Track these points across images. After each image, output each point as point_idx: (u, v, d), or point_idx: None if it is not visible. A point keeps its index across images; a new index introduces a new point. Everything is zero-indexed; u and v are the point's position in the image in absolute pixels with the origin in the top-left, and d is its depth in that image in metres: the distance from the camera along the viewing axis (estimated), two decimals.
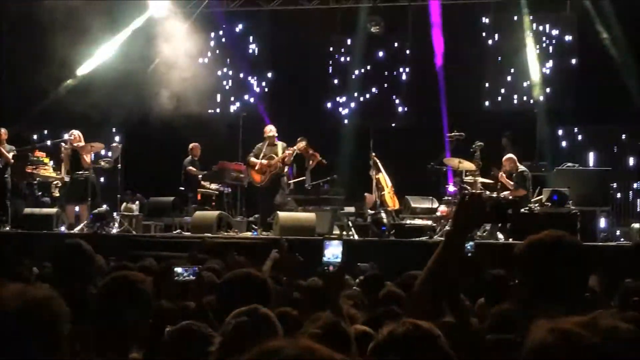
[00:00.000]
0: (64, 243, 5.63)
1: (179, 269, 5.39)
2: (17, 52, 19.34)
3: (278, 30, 20.78)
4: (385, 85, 20.74)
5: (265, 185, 15.80)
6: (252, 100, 21.05)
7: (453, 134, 15.15)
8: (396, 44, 20.63)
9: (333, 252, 6.07)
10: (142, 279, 3.95)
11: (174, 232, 15.66)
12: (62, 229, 15.23)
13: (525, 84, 19.22)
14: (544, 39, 19.53)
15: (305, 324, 3.78)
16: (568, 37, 19.47)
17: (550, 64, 19.41)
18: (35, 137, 19.57)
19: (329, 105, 20.98)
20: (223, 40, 21.41)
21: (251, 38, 21.56)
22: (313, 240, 13.07)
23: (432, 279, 3.19)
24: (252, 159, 15.92)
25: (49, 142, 17.48)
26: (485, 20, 19.80)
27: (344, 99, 20.87)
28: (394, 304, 5.16)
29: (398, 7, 19.93)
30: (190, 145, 17.45)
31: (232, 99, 21.03)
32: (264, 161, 15.73)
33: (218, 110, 21.00)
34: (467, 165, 14.63)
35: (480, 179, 14.65)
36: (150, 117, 18.45)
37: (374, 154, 16.25)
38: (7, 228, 15.52)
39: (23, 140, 18.55)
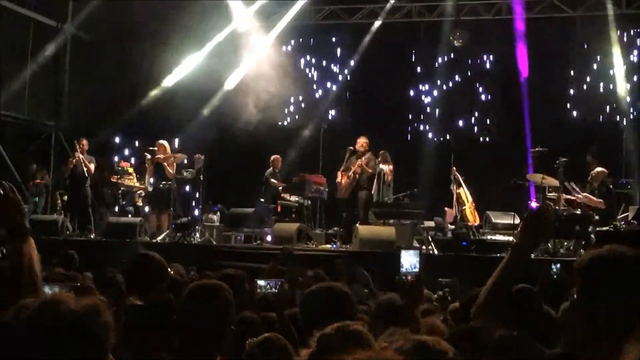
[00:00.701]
0: (136, 254, 5.68)
1: (261, 282, 5.42)
2: (102, 63, 19.73)
3: (361, 45, 20.82)
4: (468, 97, 20.62)
5: (346, 199, 15.80)
6: (333, 113, 21.14)
7: (537, 149, 14.90)
8: (479, 60, 20.49)
9: (410, 261, 6.01)
10: (221, 287, 3.96)
11: (254, 243, 15.75)
12: (146, 237, 15.46)
13: (611, 98, 18.85)
14: (633, 51, 19.15)
15: (380, 339, 3.74)
16: None
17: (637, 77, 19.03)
18: (124, 148, 19.91)
19: (410, 116, 20.97)
20: (305, 54, 21.56)
21: (333, 52, 21.63)
22: (392, 254, 13.02)
23: (494, 292, 3.23)
24: (339, 173, 15.98)
25: (133, 159, 17.77)
26: (572, 35, 19.46)
27: (427, 106, 20.84)
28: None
29: (482, 20, 19.77)
30: (272, 157, 17.53)
31: (314, 112, 21.07)
32: (342, 179, 15.77)
33: (300, 122, 21.11)
34: (551, 181, 14.35)
35: (565, 196, 14.36)
36: (232, 129, 18.65)
37: (455, 168, 16.11)
38: (92, 236, 15.84)
39: (109, 150, 18.97)
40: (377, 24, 20.15)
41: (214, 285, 4.03)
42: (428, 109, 20.88)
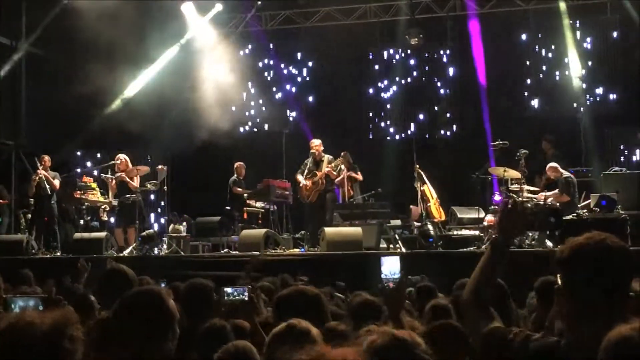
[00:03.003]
0: (106, 268, 5.67)
1: (228, 289, 5.41)
2: (59, 78, 19.57)
3: (318, 47, 20.90)
4: (427, 94, 20.75)
5: (312, 202, 15.83)
6: (293, 116, 21.17)
7: (497, 142, 15.04)
8: (436, 55, 20.65)
9: (391, 268, 6.01)
10: (159, 294, 3.71)
11: (222, 251, 15.72)
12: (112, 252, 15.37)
13: (568, 88, 19.06)
14: (586, 40, 19.41)
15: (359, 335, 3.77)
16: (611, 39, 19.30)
17: (592, 64, 19.26)
18: (86, 161, 19.78)
19: (371, 114, 21.07)
20: (263, 58, 21.59)
21: (292, 56, 21.68)
22: (360, 255, 13.09)
23: (479, 286, 3.29)
24: (298, 177, 15.98)
25: (95, 172, 17.65)
26: (526, 27, 19.68)
27: (386, 104, 20.94)
28: (446, 317, 5.14)
29: (436, 18, 19.92)
30: (235, 165, 17.53)
31: (274, 116, 21.05)
32: (307, 182, 15.77)
33: (261, 128, 21.12)
34: (512, 173, 14.49)
35: (527, 187, 14.51)
36: (193, 138, 18.58)
37: (417, 165, 16.20)
38: (58, 253, 15.72)
39: (70, 166, 18.84)
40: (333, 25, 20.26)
41: (148, 292, 3.81)
42: (388, 106, 20.94)
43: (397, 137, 20.52)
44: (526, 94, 19.84)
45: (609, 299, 2.75)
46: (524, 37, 19.82)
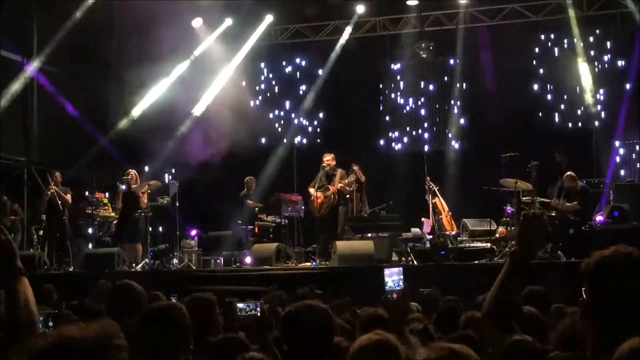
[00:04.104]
0: (115, 284, 5.67)
1: (241, 304, 5.39)
2: (70, 95, 19.64)
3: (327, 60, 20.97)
4: (437, 106, 20.73)
5: (323, 215, 15.78)
6: (305, 130, 21.15)
7: (508, 154, 14.99)
8: (446, 68, 20.63)
9: (394, 279, 5.99)
10: (174, 308, 3.94)
11: (234, 265, 15.71)
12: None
13: (579, 99, 19.02)
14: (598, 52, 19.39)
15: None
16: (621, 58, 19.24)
17: (602, 73, 19.23)
18: (96, 179, 19.82)
19: (381, 129, 21.05)
20: (275, 72, 21.63)
21: (303, 68, 21.70)
22: (372, 268, 13.03)
23: (499, 300, 3.24)
24: (310, 190, 15.91)
25: (104, 194, 17.66)
26: (536, 38, 19.64)
27: (401, 125, 20.93)
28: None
29: (446, 30, 19.93)
30: (246, 179, 17.54)
31: (286, 130, 21.02)
32: (319, 194, 15.70)
33: (272, 142, 21.12)
34: (524, 185, 14.44)
35: (539, 199, 14.45)
36: (204, 153, 18.60)
37: (429, 178, 16.17)
38: (70, 269, 15.73)
39: (83, 182, 18.90)
40: (343, 39, 20.28)
41: (168, 307, 4.01)
42: (399, 120, 20.91)
43: (407, 150, 20.41)
44: (537, 104, 19.75)
45: (633, 312, 2.72)
46: (534, 48, 19.76)
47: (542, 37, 19.64)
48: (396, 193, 17.33)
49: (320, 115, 21.29)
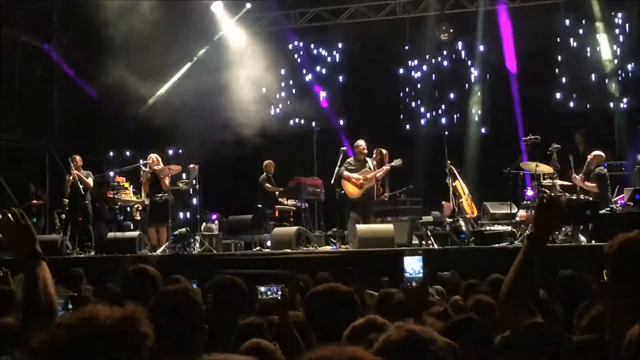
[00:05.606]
0: (131, 269, 5.69)
1: (262, 288, 5.43)
2: (91, 79, 19.71)
3: (348, 44, 20.93)
4: (457, 92, 20.65)
5: (358, 200, 15.78)
6: (324, 114, 21.09)
7: (529, 137, 14.93)
8: (466, 51, 20.53)
9: (413, 266, 6.01)
10: (186, 291, 3.97)
11: (254, 249, 15.77)
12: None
13: (601, 81, 18.91)
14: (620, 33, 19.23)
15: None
16: None
17: (625, 54, 19.09)
18: (118, 161, 19.91)
19: (401, 116, 20.98)
20: (295, 56, 21.61)
21: (321, 53, 21.68)
22: (391, 252, 13.03)
23: (517, 283, 3.26)
24: (346, 173, 15.78)
25: (124, 178, 17.72)
26: (557, 20, 19.49)
27: (420, 109, 20.86)
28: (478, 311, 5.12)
29: (466, 13, 19.83)
30: (265, 162, 17.57)
31: (305, 114, 20.98)
32: (360, 176, 15.65)
33: (292, 126, 21.12)
34: (544, 168, 14.37)
35: (559, 182, 14.38)
36: (224, 137, 18.62)
37: (449, 161, 16.13)
38: (92, 253, 15.85)
39: (104, 165, 18.99)
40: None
41: (180, 289, 4.05)
42: (419, 103, 20.86)
43: (428, 134, 20.33)
44: (558, 87, 19.63)
45: None
46: (555, 29, 19.60)
47: (564, 18, 19.48)
48: (416, 176, 17.32)
49: (337, 95, 21.24)
